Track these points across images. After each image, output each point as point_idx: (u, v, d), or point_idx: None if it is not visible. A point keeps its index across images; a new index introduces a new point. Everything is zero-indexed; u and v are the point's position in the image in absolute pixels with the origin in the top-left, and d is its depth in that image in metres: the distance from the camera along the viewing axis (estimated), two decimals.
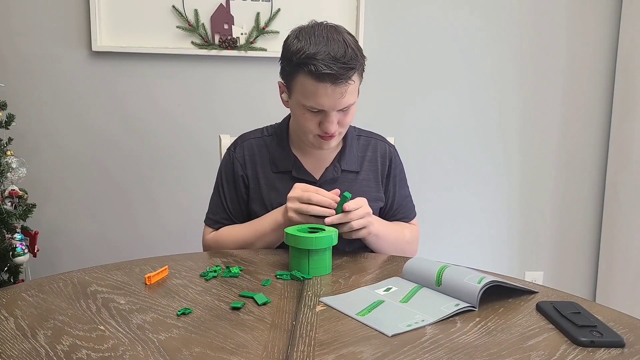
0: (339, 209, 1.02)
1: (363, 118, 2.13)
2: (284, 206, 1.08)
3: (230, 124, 2.08)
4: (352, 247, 1.17)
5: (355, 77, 1.05)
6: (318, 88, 1.02)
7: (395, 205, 1.26)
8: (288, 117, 1.24)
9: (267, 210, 1.16)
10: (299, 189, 1.04)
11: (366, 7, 2.07)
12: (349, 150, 1.20)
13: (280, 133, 1.21)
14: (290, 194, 1.04)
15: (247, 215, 1.22)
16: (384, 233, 1.14)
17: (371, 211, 1.05)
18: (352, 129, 1.24)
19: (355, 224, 1.01)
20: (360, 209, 1.02)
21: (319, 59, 0.99)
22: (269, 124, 1.27)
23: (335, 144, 1.14)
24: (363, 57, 1.07)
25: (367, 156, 1.23)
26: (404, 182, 1.29)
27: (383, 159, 1.24)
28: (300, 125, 1.12)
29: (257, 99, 2.10)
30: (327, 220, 1.01)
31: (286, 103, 1.15)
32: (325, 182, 1.17)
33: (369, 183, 1.21)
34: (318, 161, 1.19)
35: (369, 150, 1.24)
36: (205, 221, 1.25)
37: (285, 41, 1.09)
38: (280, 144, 1.20)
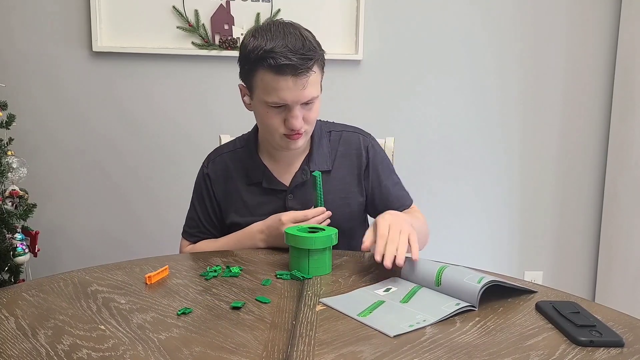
0: (318, 204, 1.09)
1: (363, 117, 2.14)
2: (260, 231, 1.10)
3: (230, 124, 2.08)
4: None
5: (315, 68, 1.04)
6: (279, 81, 1.01)
7: (385, 196, 1.21)
8: (256, 127, 1.22)
9: (245, 220, 1.15)
10: (289, 221, 1.05)
11: (366, 7, 2.07)
12: (316, 150, 1.17)
13: (249, 143, 1.20)
14: (286, 220, 1.05)
15: (222, 228, 1.21)
16: (414, 224, 1.02)
17: (407, 227, 0.93)
18: (321, 124, 1.21)
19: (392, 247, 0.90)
20: (391, 232, 0.92)
21: (277, 51, 0.99)
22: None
23: (302, 143, 1.11)
24: (322, 50, 1.06)
25: (339, 151, 1.19)
26: (389, 170, 1.23)
27: (358, 152, 1.19)
28: (265, 125, 1.10)
29: (244, 102, 2.09)
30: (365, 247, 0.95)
31: (249, 106, 1.13)
32: (296, 187, 1.15)
33: (344, 180, 1.18)
34: (287, 167, 1.17)
35: (340, 145, 1.19)
36: (182, 234, 1.26)
37: (242, 42, 1.08)
38: (250, 154, 1.18)
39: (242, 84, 1.12)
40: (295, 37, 1.01)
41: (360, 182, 1.19)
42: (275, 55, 0.99)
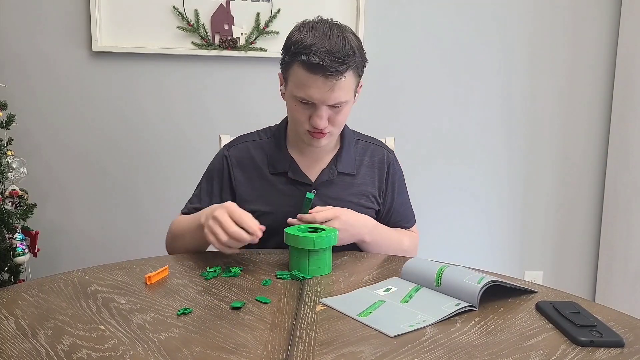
0: (306, 211, 1.07)
1: (363, 118, 2.13)
2: (206, 214, 1.00)
3: (230, 124, 2.08)
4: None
5: (348, 74, 1.04)
6: (309, 79, 1.03)
7: (393, 212, 1.25)
8: (286, 119, 1.24)
9: (265, 209, 1.16)
10: (224, 213, 0.95)
11: (366, 7, 2.07)
12: (345, 153, 1.19)
13: (278, 134, 1.21)
14: (216, 214, 0.96)
15: None
16: (377, 240, 1.14)
17: (339, 212, 1.07)
18: (350, 132, 1.24)
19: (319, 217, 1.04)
20: (326, 211, 1.06)
21: (313, 50, 1.00)
22: (265, 126, 1.27)
23: (326, 143, 1.13)
24: (363, 57, 1.07)
25: (364, 161, 1.22)
26: (403, 189, 1.28)
27: (381, 165, 1.23)
28: (292, 118, 1.12)
29: (257, 100, 2.10)
30: (290, 220, 1.07)
31: (283, 95, 1.16)
32: (321, 184, 1.16)
33: (365, 187, 1.20)
34: (314, 163, 1.19)
35: (366, 155, 1.23)
36: (182, 210, 1.26)
37: (289, 33, 1.10)
38: (278, 145, 1.20)
39: (281, 72, 1.13)
40: (335, 39, 1.02)
41: (378, 194, 1.23)
42: (310, 52, 1.00)
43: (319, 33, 1.03)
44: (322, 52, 1.00)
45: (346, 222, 1.07)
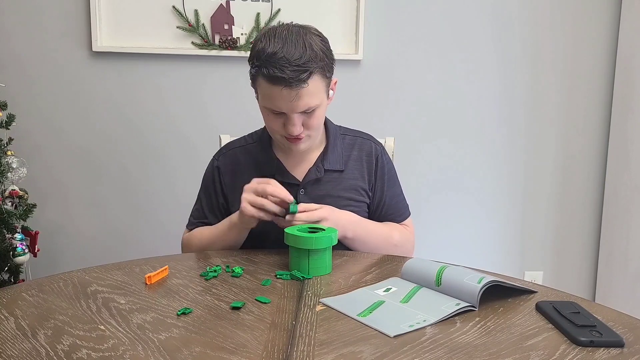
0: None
1: (363, 117, 2.14)
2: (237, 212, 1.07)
3: (230, 124, 2.08)
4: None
5: (313, 80, 1.02)
6: (272, 91, 1.01)
7: (384, 205, 1.23)
8: None
9: None
10: (254, 181, 1.05)
11: (366, 7, 2.07)
12: (332, 149, 1.18)
13: (263, 137, 1.21)
14: (246, 186, 1.05)
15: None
16: (361, 236, 1.13)
17: (327, 214, 1.06)
18: (335, 127, 1.23)
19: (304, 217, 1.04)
20: (314, 211, 1.05)
21: (272, 61, 0.99)
22: (253, 130, 1.27)
23: (305, 146, 1.12)
24: (329, 58, 1.05)
25: (352, 155, 1.21)
26: (394, 181, 1.26)
27: (369, 158, 1.22)
28: (267, 127, 1.13)
29: (256, 100, 2.10)
30: (280, 223, 1.05)
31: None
32: (308, 183, 1.16)
33: (355, 181, 1.19)
34: (301, 162, 1.18)
35: (354, 149, 1.22)
36: (187, 225, 1.27)
37: (253, 42, 1.08)
38: (263, 148, 1.20)
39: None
40: (295, 46, 0.99)
41: (368, 188, 1.22)
42: (269, 64, 0.99)
43: (278, 42, 1.00)
44: (282, 63, 0.98)
45: (334, 219, 1.06)
